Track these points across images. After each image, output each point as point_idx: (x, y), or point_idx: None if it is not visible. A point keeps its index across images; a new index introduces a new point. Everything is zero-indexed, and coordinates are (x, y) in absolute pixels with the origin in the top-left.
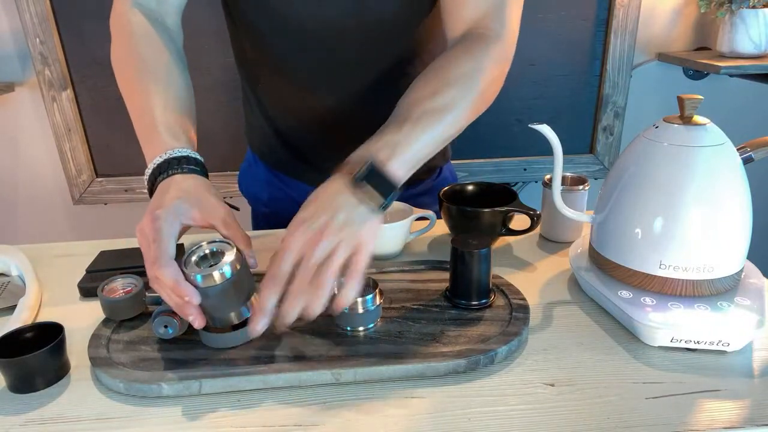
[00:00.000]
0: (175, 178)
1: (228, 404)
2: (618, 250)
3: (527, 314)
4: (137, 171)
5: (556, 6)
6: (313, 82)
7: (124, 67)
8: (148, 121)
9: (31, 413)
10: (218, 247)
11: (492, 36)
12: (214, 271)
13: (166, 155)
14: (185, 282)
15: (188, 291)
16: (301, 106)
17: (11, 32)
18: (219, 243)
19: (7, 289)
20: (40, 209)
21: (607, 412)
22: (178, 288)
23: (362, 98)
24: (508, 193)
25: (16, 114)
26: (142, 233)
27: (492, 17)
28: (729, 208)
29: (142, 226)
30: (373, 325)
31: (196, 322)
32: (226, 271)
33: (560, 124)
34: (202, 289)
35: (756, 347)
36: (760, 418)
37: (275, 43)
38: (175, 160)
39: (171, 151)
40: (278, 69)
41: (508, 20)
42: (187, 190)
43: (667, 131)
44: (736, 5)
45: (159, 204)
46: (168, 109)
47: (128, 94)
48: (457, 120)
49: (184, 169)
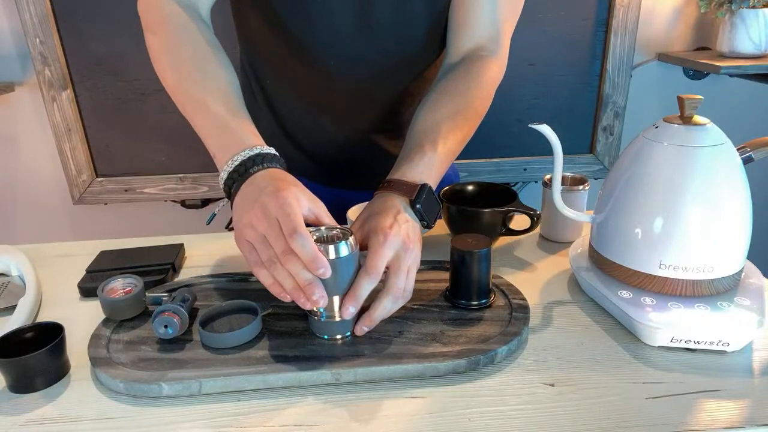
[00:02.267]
0: (276, 171)
1: (228, 404)
2: (618, 250)
3: (527, 314)
4: (137, 171)
5: (556, 6)
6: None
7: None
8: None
9: (31, 413)
10: (330, 231)
11: (490, 57)
12: (342, 242)
13: (257, 149)
14: (321, 254)
15: (324, 262)
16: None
17: (11, 32)
18: (329, 228)
19: (7, 289)
20: (40, 209)
21: (607, 412)
22: (316, 259)
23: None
24: (508, 193)
25: (16, 114)
26: (260, 218)
27: (490, 40)
28: (729, 208)
29: (263, 206)
30: (350, 334)
31: (321, 301)
32: (352, 243)
33: (560, 124)
34: (331, 260)
35: (756, 347)
36: (760, 418)
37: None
38: (268, 156)
39: (260, 147)
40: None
41: (503, 41)
42: (295, 183)
43: (667, 131)
44: (736, 5)
45: (278, 188)
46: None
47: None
48: (469, 134)
49: (278, 165)
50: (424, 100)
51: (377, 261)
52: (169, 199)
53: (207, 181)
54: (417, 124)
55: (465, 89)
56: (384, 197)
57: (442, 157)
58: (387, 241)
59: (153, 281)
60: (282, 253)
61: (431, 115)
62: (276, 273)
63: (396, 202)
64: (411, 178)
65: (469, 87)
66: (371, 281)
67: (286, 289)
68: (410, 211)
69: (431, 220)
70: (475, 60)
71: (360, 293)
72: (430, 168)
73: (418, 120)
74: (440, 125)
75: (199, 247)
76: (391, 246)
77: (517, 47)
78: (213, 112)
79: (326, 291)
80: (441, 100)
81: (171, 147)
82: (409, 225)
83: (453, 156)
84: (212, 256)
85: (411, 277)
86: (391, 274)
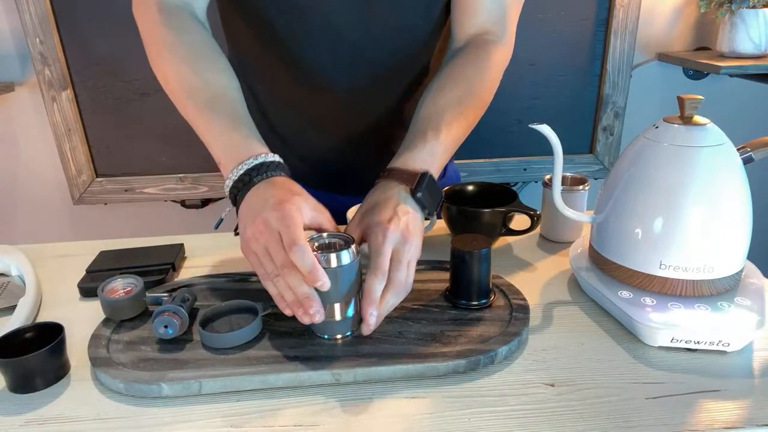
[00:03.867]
0: (280, 180)
1: (228, 404)
2: (618, 250)
3: (527, 314)
4: (137, 171)
5: (556, 6)
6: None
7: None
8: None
9: (31, 413)
10: (332, 239)
11: (496, 41)
12: (343, 250)
13: (262, 158)
14: (320, 266)
15: (323, 275)
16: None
17: (11, 32)
18: (331, 235)
19: (7, 289)
20: (40, 209)
21: (607, 412)
22: (314, 272)
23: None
24: (508, 193)
25: (16, 114)
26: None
27: (495, 24)
28: (729, 208)
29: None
30: (351, 333)
31: (317, 316)
32: (353, 251)
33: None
34: (332, 269)
35: (756, 347)
36: (760, 418)
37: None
38: (273, 164)
39: (264, 156)
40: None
41: (508, 25)
42: (299, 192)
43: (668, 131)
44: (736, 5)
45: (282, 198)
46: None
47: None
48: (474, 122)
49: (283, 173)
50: (429, 86)
51: (382, 260)
52: (169, 199)
53: (207, 181)
54: (420, 111)
55: (470, 75)
56: (384, 186)
57: (445, 145)
58: (387, 238)
59: (153, 281)
60: (282, 266)
61: (435, 101)
62: (278, 285)
63: (396, 192)
64: (412, 166)
65: (475, 73)
66: (382, 280)
67: (287, 302)
68: (411, 201)
69: (433, 208)
70: (480, 45)
71: (375, 296)
72: (432, 156)
73: (422, 107)
74: (444, 112)
75: (199, 247)
76: (391, 241)
77: (517, 47)
78: (216, 119)
79: (328, 298)
80: (445, 87)
81: (171, 147)
82: (408, 217)
83: (457, 144)
84: (212, 256)
85: (411, 269)
86: (392, 268)
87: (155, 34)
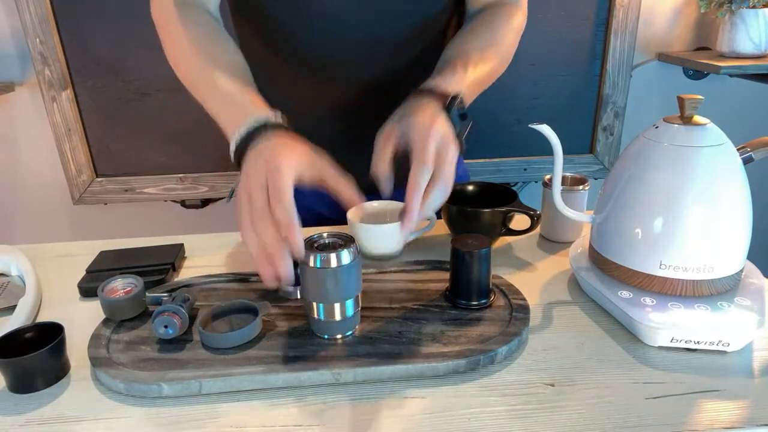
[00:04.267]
0: (279, 137)
1: (228, 404)
2: (618, 250)
3: (527, 314)
4: (137, 171)
5: (556, 6)
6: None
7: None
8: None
9: (31, 413)
10: (332, 239)
11: (512, 5)
12: (344, 250)
13: (263, 119)
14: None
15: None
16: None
17: (11, 32)
18: (331, 235)
19: (7, 289)
20: (40, 209)
21: (607, 412)
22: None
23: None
24: (508, 193)
25: (16, 114)
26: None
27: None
28: (729, 208)
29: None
30: (351, 333)
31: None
32: (354, 250)
33: (560, 124)
34: (332, 269)
35: (756, 347)
36: (760, 418)
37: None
38: (274, 124)
39: (266, 117)
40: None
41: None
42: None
43: (668, 131)
44: (736, 5)
45: (276, 153)
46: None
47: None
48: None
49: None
50: (453, 39)
51: (427, 155)
52: (169, 199)
53: (207, 181)
54: (447, 52)
55: (494, 27)
56: (417, 99)
57: (472, 79)
58: (431, 135)
59: (153, 281)
60: (260, 217)
61: (462, 44)
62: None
63: (432, 104)
64: (444, 87)
65: (497, 26)
66: (428, 170)
67: (252, 253)
68: (445, 115)
69: (463, 129)
70: (498, 7)
71: (421, 184)
72: (461, 83)
73: (448, 50)
74: (470, 53)
75: (199, 247)
76: (435, 138)
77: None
78: (222, 88)
79: (328, 298)
80: (469, 37)
81: (171, 147)
82: (445, 125)
83: (481, 86)
84: (212, 256)
85: (453, 171)
86: (439, 165)
87: (171, 27)
